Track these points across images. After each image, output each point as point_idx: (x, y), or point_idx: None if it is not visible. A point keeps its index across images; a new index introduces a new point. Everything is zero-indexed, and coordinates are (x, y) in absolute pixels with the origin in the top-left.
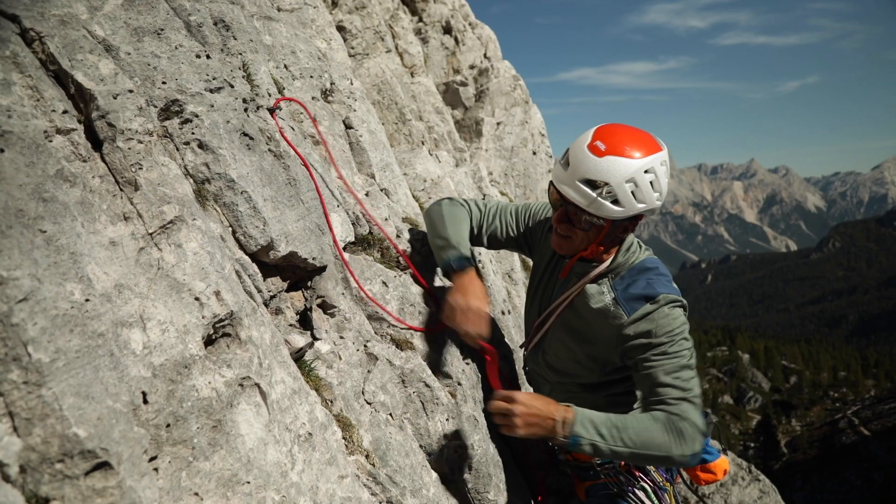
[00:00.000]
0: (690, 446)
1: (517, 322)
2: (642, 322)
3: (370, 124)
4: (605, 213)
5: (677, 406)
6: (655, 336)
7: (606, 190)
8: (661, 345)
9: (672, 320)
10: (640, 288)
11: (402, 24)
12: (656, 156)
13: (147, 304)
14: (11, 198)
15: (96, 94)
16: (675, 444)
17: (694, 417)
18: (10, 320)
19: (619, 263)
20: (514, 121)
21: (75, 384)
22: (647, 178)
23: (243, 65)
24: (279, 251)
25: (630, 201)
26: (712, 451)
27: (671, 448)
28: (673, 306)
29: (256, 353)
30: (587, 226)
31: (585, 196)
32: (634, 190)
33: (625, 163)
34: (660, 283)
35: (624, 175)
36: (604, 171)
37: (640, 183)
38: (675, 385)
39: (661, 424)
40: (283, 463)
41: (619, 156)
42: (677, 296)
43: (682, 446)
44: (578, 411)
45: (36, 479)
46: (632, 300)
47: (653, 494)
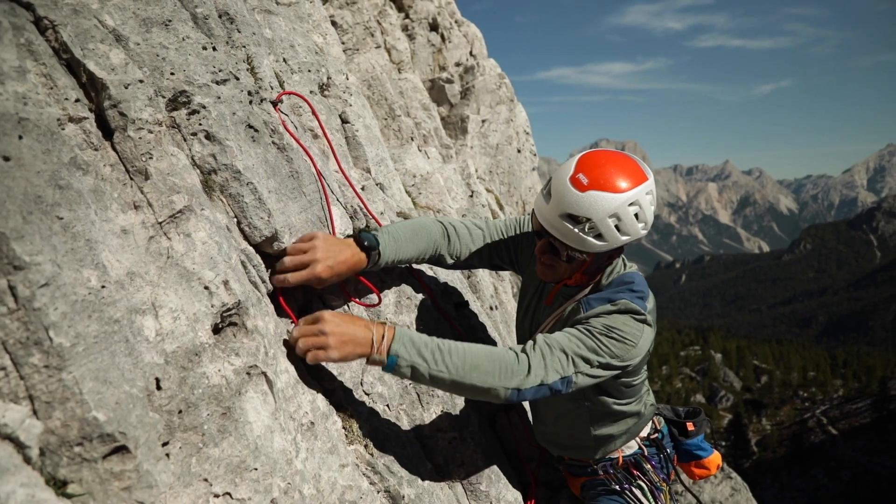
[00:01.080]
0: (516, 381)
1: (504, 318)
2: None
3: (365, 119)
4: (587, 248)
5: (544, 347)
6: (593, 323)
7: (589, 225)
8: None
9: (620, 324)
10: (605, 294)
11: (389, 20)
12: (641, 187)
13: (158, 291)
14: (30, 184)
15: (108, 83)
16: (500, 376)
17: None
18: (33, 305)
19: (602, 286)
20: (499, 118)
21: (94, 369)
22: (632, 210)
23: (247, 57)
24: (283, 242)
25: (613, 235)
26: (706, 448)
27: (495, 379)
28: (631, 316)
29: (262, 342)
30: (569, 259)
31: (567, 232)
32: (618, 224)
33: (608, 198)
34: (627, 294)
35: (607, 210)
36: (586, 207)
37: (624, 217)
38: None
39: (497, 357)
40: (288, 450)
41: (601, 190)
42: (640, 308)
43: (507, 380)
44: (399, 329)
45: (55, 462)
46: (593, 301)
47: (649, 494)
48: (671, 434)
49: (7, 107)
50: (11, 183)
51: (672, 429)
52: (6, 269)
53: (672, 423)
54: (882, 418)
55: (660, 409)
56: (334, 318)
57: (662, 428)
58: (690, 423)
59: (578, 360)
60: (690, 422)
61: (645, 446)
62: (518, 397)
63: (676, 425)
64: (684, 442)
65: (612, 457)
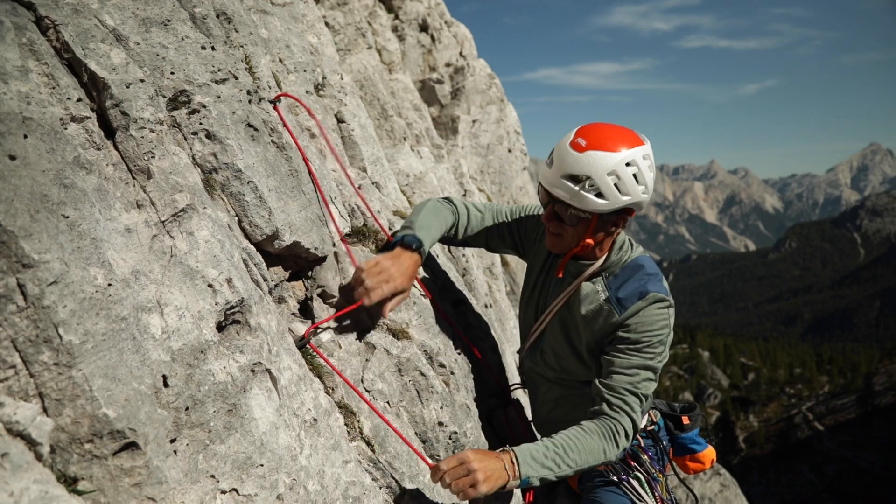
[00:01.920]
0: (622, 445)
1: (499, 316)
2: (630, 318)
3: (361, 119)
4: (589, 206)
5: (621, 401)
6: (635, 331)
7: (589, 183)
8: (636, 341)
9: (656, 320)
10: (632, 287)
11: (380, 21)
12: (637, 149)
13: (163, 290)
14: (36, 183)
15: (109, 82)
16: (609, 449)
17: (631, 417)
18: (42, 302)
19: (613, 262)
20: (489, 118)
21: (103, 366)
22: (630, 170)
23: (245, 57)
24: (284, 241)
25: (613, 194)
26: (700, 442)
27: (607, 453)
28: (660, 306)
29: (266, 339)
30: (574, 221)
31: (569, 191)
32: (617, 182)
33: (605, 156)
34: (651, 282)
35: (605, 168)
36: (585, 166)
37: (623, 175)
38: (628, 380)
39: (597, 435)
40: (293, 447)
41: (599, 150)
42: (666, 295)
43: (616, 449)
44: (518, 451)
45: (65, 460)
46: (623, 299)
47: (646, 484)
48: (667, 428)
49: (12, 106)
50: (18, 182)
51: (668, 422)
52: (15, 268)
53: (668, 416)
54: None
55: (656, 404)
56: (476, 455)
57: (658, 421)
58: (686, 417)
59: (645, 387)
60: (686, 416)
61: (641, 438)
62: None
63: (672, 419)
64: (679, 436)
65: None
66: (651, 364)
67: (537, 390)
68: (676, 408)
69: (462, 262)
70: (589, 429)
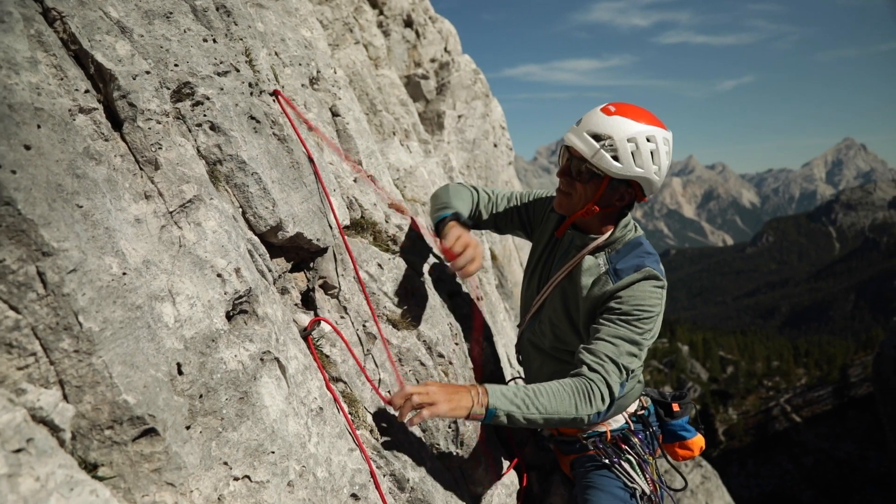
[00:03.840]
0: (594, 407)
1: (489, 308)
2: (623, 289)
3: (355, 112)
4: (604, 165)
5: (592, 374)
6: (626, 303)
7: (609, 143)
8: (626, 313)
9: (648, 295)
10: (630, 261)
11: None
12: (659, 129)
13: (174, 279)
14: (51, 172)
15: (117, 74)
16: (580, 405)
17: (607, 383)
18: (62, 290)
19: (617, 238)
20: (475, 114)
21: (122, 353)
22: (649, 145)
23: (245, 50)
24: (287, 232)
25: (629, 160)
26: (690, 429)
27: (578, 409)
28: (655, 284)
29: (273, 329)
30: (587, 177)
31: (589, 146)
32: (634, 151)
33: (630, 123)
34: (648, 260)
35: (626, 133)
36: (609, 126)
37: (641, 146)
38: (605, 351)
39: (571, 389)
40: (302, 434)
41: (625, 117)
42: (661, 275)
43: (587, 407)
44: (488, 386)
45: (85, 446)
46: (620, 271)
47: (637, 467)
48: (657, 415)
49: (24, 97)
50: (35, 171)
51: (658, 409)
52: (35, 256)
53: (659, 404)
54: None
55: (647, 391)
56: (441, 384)
57: (649, 406)
58: (676, 404)
59: (627, 360)
60: (676, 403)
61: (632, 422)
62: (599, 418)
63: (662, 406)
64: (669, 422)
65: (599, 430)
66: (636, 338)
67: (532, 366)
68: (667, 395)
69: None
70: (563, 383)
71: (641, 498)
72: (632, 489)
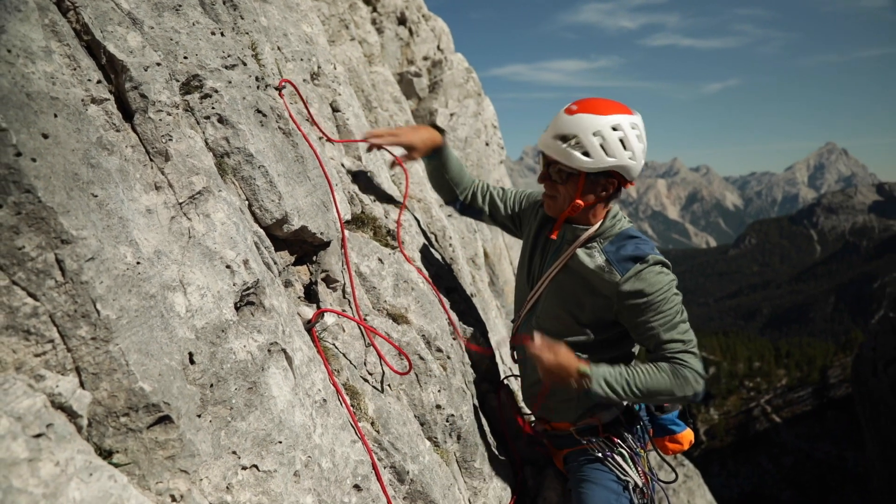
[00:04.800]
0: (693, 388)
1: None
2: (636, 281)
3: (354, 108)
4: (575, 163)
5: (680, 357)
6: (648, 295)
7: (575, 141)
8: (655, 303)
9: (662, 278)
10: (630, 250)
11: (360, 13)
12: (625, 116)
13: (185, 270)
14: (68, 161)
15: (129, 65)
16: (678, 388)
17: (694, 365)
18: (80, 278)
19: (606, 227)
20: (467, 112)
21: (137, 341)
22: (616, 134)
23: (252, 44)
24: (293, 225)
25: (599, 153)
26: (680, 424)
27: (675, 391)
28: (662, 268)
29: (279, 320)
30: (564, 178)
31: (557, 149)
32: (602, 143)
33: (592, 118)
34: (648, 247)
35: (591, 128)
36: (573, 126)
37: (608, 137)
38: (676, 339)
39: (667, 373)
40: (307, 425)
41: (587, 113)
42: (664, 259)
43: (686, 388)
44: (594, 372)
45: (100, 433)
46: (623, 261)
47: (630, 460)
48: (647, 409)
49: (40, 85)
50: (53, 160)
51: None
52: (54, 243)
53: None
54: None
55: None
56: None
57: None
58: None
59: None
60: None
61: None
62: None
63: None
64: (660, 417)
65: (591, 424)
66: (680, 318)
67: (528, 362)
68: None
69: (449, 251)
70: (658, 366)
71: (634, 490)
72: (624, 482)
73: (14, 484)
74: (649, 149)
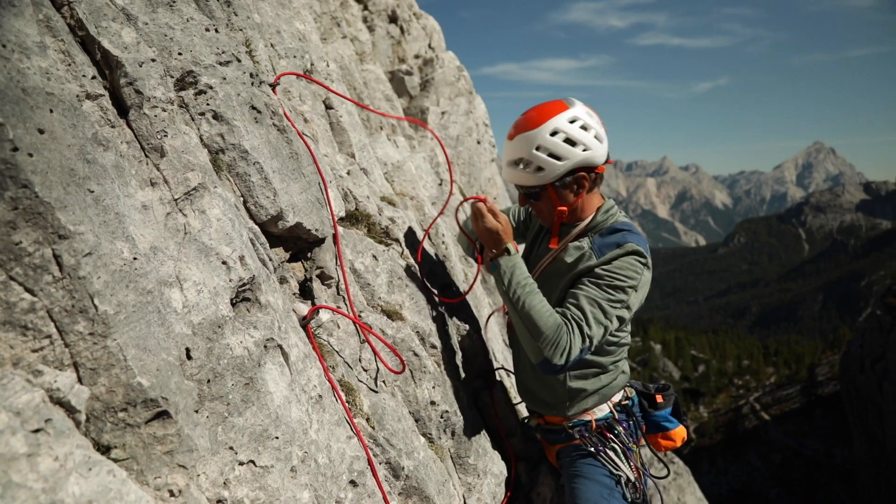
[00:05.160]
0: (557, 355)
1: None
2: (605, 263)
3: (347, 105)
4: (535, 181)
5: (573, 324)
6: (604, 269)
7: (524, 163)
8: (603, 277)
9: (628, 266)
10: (614, 239)
11: (351, 11)
12: (559, 116)
13: (181, 265)
14: (64, 157)
15: (123, 61)
16: (547, 340)
17: (576, 341)
18: (78, 273)
19: (599, 222)
20: (458, 110)
21: (135, 337)
22: (558, 138)
23: (246, 40)
24: (288, 221)
25: (550, 163)
26: (673, 420)
27: (544, 340)
28: (636, 258)
29: (275, 316)
30: (536, 196)
31: (515, 174)
32: (550, 152)
33: (528, 135)
34: (631, 237)
35: (532, 145)
36: (517, 150)
37: (552, 145)
38: (585, 311)
39: (556, 321)
40: (304, 421)
41: (523, 132)
42: (645, 252)
43: (553, 349)
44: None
45: (98, 428)
46: (604, 248)
47: (622, 455)
48: (641, 405)
49: (36, 81)
50: (49, 155)
51: (642, 401)
52: (51, 238)
53: (642, 395)
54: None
55: (631, 382)
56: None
57: (633, 397)
58: (660, 395)
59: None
60: (660, 395)
61: (616, 411)
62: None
63: (646, 398)
64: (653, 413)
65: (584, 419)
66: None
67: (521, 356)
68: (651, 388)
69: (442, 249)
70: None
71: (626, 484)
72: (617, 476)
73: (13, 479)
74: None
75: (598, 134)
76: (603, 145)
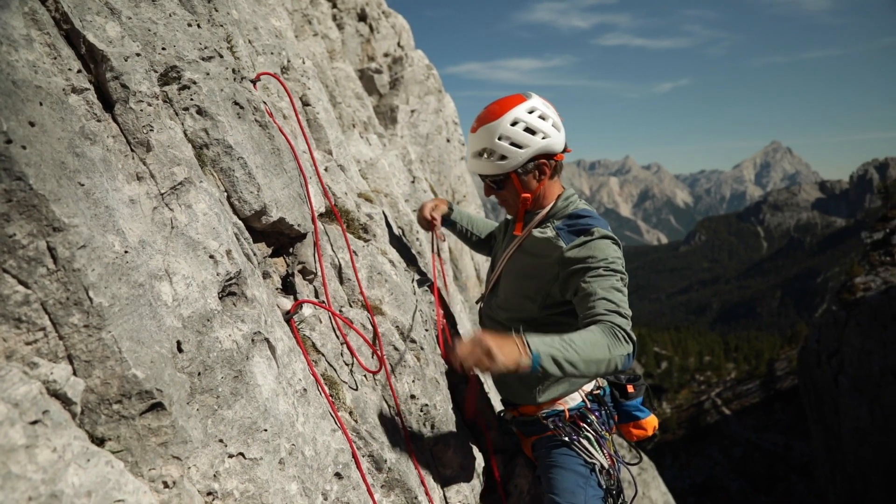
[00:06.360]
0: (625, 348)
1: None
2: (580, 249)
3: (324, 102)
4: (499, 170)
5: (609, 317)
6: (592, 260)
7: (488, 153)
8: (597, 267)
9: (607, 248)
10: (580, 224)
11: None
12: (518, 107)
13: (170, 259)
14: (55, 150)
15: (109, 55)
16: (613, 346)
17: (624, 325)
18: (72, 265)
19: (559, 208)
20: (428, 109)
21: (129, 329)
22: (518, 127)
23: (227, 36)
24: (271, 216)
25: (513, 151)
26: (644, 410)
27: (611, 349)
28: (609, 241)
29: (261, 310)
30: (500, 184)
31: (479, 166)
32: (511, 142)
33: (490, 126)
34: (597, 223)
35: (494, 135)
36: (480, 141)
37: (512, 134)
38: (608, 299)
39: (600, 330)
40: (291, 413)
41: (485, 124)
42: (611, 233)
43: (619, 347)
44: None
45: (93, 420)
46: (570, 233)
47: (595, 443)
48: (612, 395)
49: (24, 73)
50: (41, 148)
51: (613, 391)
52: (45, 231)
53: (613, 385)
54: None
55: None
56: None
57: (605, 386)
58: (631, 385)
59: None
60: (631, 385)
61: (588, 400)
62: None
63: (617, 388)
64: (624, 403)
65: (557, 409)
66: (619, 287)
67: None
68: (622, 378)
69: (416, 245)
70: (590, 328)
71: (601, 472)
72: (591, 464)
73: (13, 470)
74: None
75: (555, 123)
76: (560, 134)
